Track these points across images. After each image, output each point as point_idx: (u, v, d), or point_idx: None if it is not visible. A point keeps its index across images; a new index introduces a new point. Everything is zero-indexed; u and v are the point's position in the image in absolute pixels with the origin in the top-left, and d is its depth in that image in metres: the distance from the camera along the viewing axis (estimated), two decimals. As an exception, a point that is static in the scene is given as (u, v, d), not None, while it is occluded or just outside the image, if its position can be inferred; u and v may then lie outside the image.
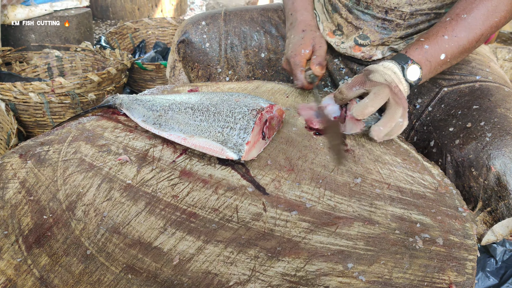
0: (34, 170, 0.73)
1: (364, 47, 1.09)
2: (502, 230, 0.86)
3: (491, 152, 0.80)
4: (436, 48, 0.86)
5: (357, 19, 1.08)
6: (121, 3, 3.59)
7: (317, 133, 0.89)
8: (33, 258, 0.56)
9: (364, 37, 1.08)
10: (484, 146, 0.82)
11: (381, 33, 1.06)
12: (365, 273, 0.57)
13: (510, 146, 0.79)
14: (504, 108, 0.87)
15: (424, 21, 1.03)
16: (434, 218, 0.68)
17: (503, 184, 0.78)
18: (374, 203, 0.70)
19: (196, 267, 0.56)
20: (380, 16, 1.04)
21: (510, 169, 0.78)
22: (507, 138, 0.80)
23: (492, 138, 0.82)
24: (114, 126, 0.87)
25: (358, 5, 1.06)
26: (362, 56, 1.10)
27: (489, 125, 0.84)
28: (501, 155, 0.79)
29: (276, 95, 1.05)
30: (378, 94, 0.78)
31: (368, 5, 1.04)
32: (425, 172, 0.79)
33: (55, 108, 1.80)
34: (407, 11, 1.01)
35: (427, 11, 1.01)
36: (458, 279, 0.57)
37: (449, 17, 0.88)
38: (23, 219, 0.63)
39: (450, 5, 1.00)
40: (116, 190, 0.69)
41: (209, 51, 1.22)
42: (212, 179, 0.73)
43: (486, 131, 0.83)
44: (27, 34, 2.44)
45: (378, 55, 1.08)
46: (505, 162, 0.78)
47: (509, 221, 0.85)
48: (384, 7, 1.02)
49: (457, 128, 0.89)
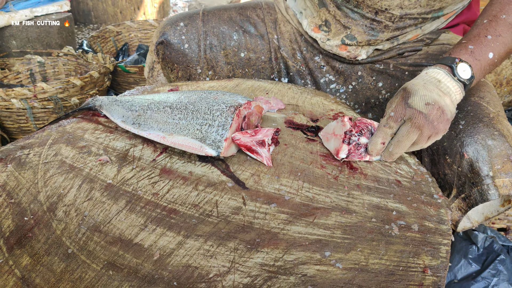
0: (14, 174, 0.73)
1: (350, 47, 1.10)
2: (477, 217, 0.88)
3: (464, 139, 0.82)
4: (481, 47, 0.83)
5: (346, 16, 1.08)
6: (103, 7, 3.58)
7: (296, 127, 0.90)
8: (14, 259, 0.57)
9: (351, 38, 1.09)
10: (457, 133, 0.84)
11: (368, 34, 1.07)
12: (342, 260, 0.58)
13: (482, 133, 0.81)
14: (478, 97, 0.90)
15: (411, 25, 1.04)
16: (410, 205, 0.69)
17: (475, 171, 0.80)
18: (351, 193, 0.71)
19: (177, 261, 0.57)
20: (369, 16, 1.04)
21: (482, 156, 0.80)
22: (479, 125, 0.82)
23: (465, 125, 0.84)
24: (95, 127, 0.87)
25: (348, 2, 1.06)
26: (347, 55, 1.11)
27: (462, 113, 0.86)
28: (474, 142, 0.81)
29: (256, 92, 1.06)
30: (408, 135, 0.75)
31: (359, 4, 1.04)
32: (401, 162, 0.81)
33: (38, 114, 1.79)
34: (397, 14, 1.02)
35: (416, 16, 1.02)
36: (432, 262, 0.59)
37: (486, 19, 0.86)
38: (4, 222, 0.63)
39: (437, 11, 1.02)
40: (96, 190, 0.70)
41: (188, 52, 1.22)
42: (192, 176, 0.74)
43: (459, 119, 0.85)
44: (8, 40, 2.42)
45: (362, 55, 1.10)
46: (477, 149, 0.80)
47: (483, 207, 0.87)
48: (375, 7, 1.03)
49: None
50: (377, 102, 1.13)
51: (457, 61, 0.80)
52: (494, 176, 0.79)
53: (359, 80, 1.15)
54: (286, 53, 1.23)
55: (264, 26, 1.24)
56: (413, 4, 1.00)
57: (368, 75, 1.14)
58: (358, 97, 1.16)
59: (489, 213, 0.88)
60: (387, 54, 1.09)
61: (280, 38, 1.24)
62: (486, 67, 0.84)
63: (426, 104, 0.74)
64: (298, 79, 1.24)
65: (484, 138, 0.81)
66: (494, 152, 0.80)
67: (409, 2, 0.99)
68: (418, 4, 1.00)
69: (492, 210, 0.87)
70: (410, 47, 1.07)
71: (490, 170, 0.79)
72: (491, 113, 0.85)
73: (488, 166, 0.79)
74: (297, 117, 0.95)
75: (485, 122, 0.82)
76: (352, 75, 1.16)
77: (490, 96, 0.91)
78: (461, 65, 0.80)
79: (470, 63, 0.81)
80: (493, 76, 2.12)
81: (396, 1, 1.00)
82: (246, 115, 0.82)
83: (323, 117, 0.96)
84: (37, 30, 2.47)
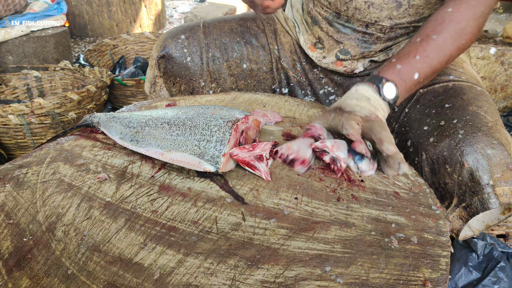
0: (13, 193, 0.73)
1: (346, 61, 1.11)
2: (478, 225, 0.89)
3: (463, 148, 0.83)
4: (409, 67, 0.84)
5: (338, 32, 1.10)
6: (99, 20, 3.59)
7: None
8: (13, 282, 0.57)
9: (345, 52, 1.11)
10: (457, 143, 0.84)
11: (361, 47, 1.09)
12: (342, 275, 0.58)
13: (482, 142, 0.82)
14: (476, 106, 0.90)
15: (403, 34, 1.06)
16: (409, 217, 0.70)
17: (476, 180, 0.81)
18: (350, 206, 0.71)
19: (177, 280, 0.57)
20: (360, 30, 1.07)
21: (482, 165, 0.81)
22: (478, 134, 0.83)
23: (465, 135, 0.84)
24: (93, 144, 0.88)
25: (338, 18, 1.08)
26: (344, 70, 1.13)
27: (461, 122, 0.87)
28: (473, 151, 0.82)
29: (253, 105, 1.07)
30: (382, 126, 0.77)
31: (349, 18, 1.06)
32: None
33: (35, 129, 1.79)
34: (387, 25, 1.04)
35: (406, 25, 1.04)
36: (432, 275, 0.59)
37: (419, 38, 0.87)
38: (3, 243, 0.63)
39: (428, 18, 1.03)
40: (95, 208, 0.70)
41: (191, 65, 1.22)
42: (191, 192, 0.74)
43: (458, 129, 0.86)
44: (4, 56, 2.43)
45: (359, 68, 1.11)
46: (477, 158, 0.81)
47: (484, 215, 0.87)
48: (365, 21, 1.05)
49: (431, 127, 0.91)
50: None
51: (384, 81, 0.82)
52: (494, 184, 0.79)
53: None
54: (287, 63, 1.24)
55: (265, 37, 1.25)
56: (402, 14, 1.01)
57: None
58: None
59: (489, 221, 0.88)
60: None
61: (281, 49, 1.24)
62: (412, 87, 0.86)
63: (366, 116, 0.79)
64: (299, 89, 1.25)
65: (483, 147, 0.81)
66: (493, 161, 0.80)
67: (398, 12, 1.01)
68: (407, 13, 1.01)
69: (492, 218, 0.87)
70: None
71: (490, 179, 0.80)
72: (489, 122, 0.85)
73: (488, 175, 0.80)
74: (294, 130, 0.95)
75: (484, 131, 0.83)
76: (350, 87, 1.16)
77: (487, 105, 0.92)
78: (387, 85, 0.82)
79: (396, 83, 0.83)
80: (487, 82, 2.14)
81: (384, 13, 1.01)
82: (244, 130, 0.82)
83: (320, 129, 0.96)
84: (33, 45, 2.48)
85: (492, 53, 2.08)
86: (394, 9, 1.01)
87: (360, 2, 1.02)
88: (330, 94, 1.21)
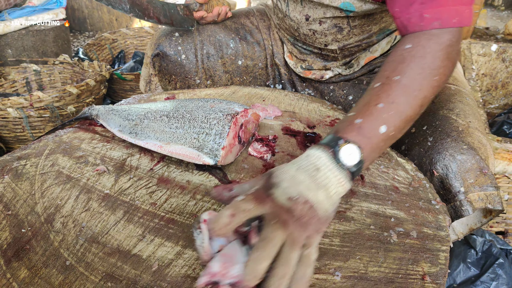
0: (11, 185, 0.73)
1: (313, 70, 1.18)
2: (462, 229, 0.88)
3: (432, 156, 0.81)
4: (372, 120, 0.62)
5: (301, 53, 1.18)
6: (99, 15, 3.58)
7: (293, 135, 0.90)
8: (12, 272, 0.57)
9: (308, 67, 1.18)
10: (426, 150, 0.82)
11: (322, 62, 1.16)
12: (341, 268, 0.58)
13: (451, 148, 0.80)
14: (447, 109, 0.88)
15: (359, 50, 1.09)
16: (408, 212, 0.69)
17: (447, 187, 0.79)
18: (349, 200, 0.71)
19: (175, 271, 0.57)
20: (317, 51, 1.14)
21: (452, 172, 0.79)
22: (447, 140, 0.81)
23: (433, 142, 0.82)
24: (91, 137, 0.87)
25: (297, 41, 1.16)
26: (314, 77, 1.18)
27: (430, 129, 0.85)
28: (442, 158, 0.80)
29: (252, 99, 1.07)
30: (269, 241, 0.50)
31: (304, 42, 1.14)
32: (399, 168, 0.81)
33: (34, 123, 1.79)
34: (336, 48, 1.08)
35: (357, 43, 1.07)
36: (431, 269, 0.59)
37: (378, 82, 0.67)
38: (1, 234, 0.63)
39: (380, 32, 1.04)
40: (94, 200, 0.70)
41: (186, 63, 1.21)
42: (190, 185, 0.74)
43: (428, 135, 0.84)
44: (3, 49, 2.42)
45: (328, 74, 1.16)
46: (446, 165, 0.79)
47: (467, 219, 0.86)
48: (315, 45, 1.11)
49: (403, 134, 0.86)
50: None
51: (341, 143, 0.58)
52: (466, 191, 0.77)
53: (330, 94, 1.20)
54: (279, 60, 1.25)
55: (259, 33, 1.25)
56: (347, 35, 1.05)
57: (339, 89, 1.18)
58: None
59: (473, 225, 0.87)
60: (358, 72, 1.13)
61: (274, 45, 1.25)
62: (380, 143, 0.63)
63: (288, 199, 0.52)
64: (289, 87, 1.26)
65: (452, 153, 0.79)
66: (464, 167, 0.78)
67: (342, 35, 1.05)
68: (352, 33, 1.04)
69: (475, 221, 0.87)
70: (380, 62, 1.08)
71: (461, 186, 0.78)
72: (460, 126, 0.83)
73: (459, 182, 0.78)
74: (294, 124, 0.95)
75: (453, 137, 0.81)
76: (325, 90, 1.21)
77: (461, 106, 0.89)
78: (346, 148, 0.58)
79: (359, 143, 0.59)
80: (488, 80, 2.14)
81: (329, 37, 1.06)
82: (243, 123, 0.82)
83: (320, 123, 0.96)
84: (32, 39, 2.47)
85: (493, 50, 2.07)
86: (337, 33, 1.04)
87: (305, 30, 1.08)
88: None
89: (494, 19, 4.53)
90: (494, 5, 5.18)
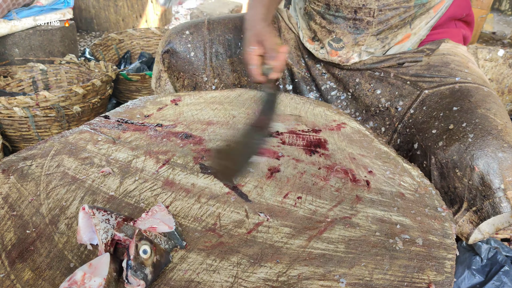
0: (17, 185, 0.73)
1: (340, 51, 1.11)
2: (489, 228, 0.88)
3: (474, 152, 0.82)
4: None
5: (330, 23, 1.12)
6: (106, 15, 3.59)
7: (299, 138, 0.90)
8: (16, 273, 0.57)
9: (337, 40, 1.11)
10: (467, 147, 0.83)
11: (353, 34, 1.09)
12: (346, 275, 0.58)
13: (492, 146, 0.81)
14: (485, 109, 0.89)
15: (394, 16, 1.05)
16: (414, 218, 0.69)
17: (487, 184, 0.80)
18: (355, 206, 0.71)
19: (179, 276, 0.57)
20: (350, 17, 1.08)
21: (493, 169, 0.80)
22: (488, 138, 0.82)
23: (474, 138, 0.83)
24: (97, 138, 0.87)
25: (329, 9, 1.10)
26: (339, 60, 1.12)
27: (470, 126, 0.86)
28: (484, 155, 0.81)
29: (258, 102, 1.06)
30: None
31: (338, 7, 1.08)
32: (405, 174, 0.80)
33: (40, 122, 1.79)
34: (375, 7, 1.04)
35: (395, 5, 1.03)
36: (437, 278, 0.58)
37: None
38: (6, 234, 0.63)
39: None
40: (99, 202, 0.69)
41: (194, 60, 1.23)
42: (195, 188, 0.74)
43: (468, 132, 0.85)
44: (10, 48, 2.43)
45: (355, 58, 1.11)
46: (488, 162, 0.80)
47: (495, 219, 0.86)
48: (353, 6, 1.06)
49: (440, 130, 0.90)
50: (377, 110, 1.13)
51: None
52: (505, 188, 0.79)
53: (356, 87, 1.16)
54: (291, 59, 1.24)
55: None
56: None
57: (366, 82, 1.14)
58: (358, 104, 1.16)
59: (500, 225, 0.87)
60: (386, 62, 1.10)
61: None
62: None
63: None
64: (303, 85, 1.24)
65: (494, 150, 0.80)
66: (505, 165, 0.79)
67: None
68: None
69: (503, 221, 0.86)
70: (411, 57, 1.07)
71: (501, 183, 0.79)
72: (499, 125, 0.85)
73: (499, 179, 0.79)
74: (299, 128, 0.94)
75: (494, 135, 0.82)
76: (350, 82, 1.16)
77: (496, 107, 0.91)
78: None
79: None
80: (495, 85, 2.13)
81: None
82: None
83: (326, 127, 0.96)
84: (39, 38, 2.48)
85: (500, 55, 2.06)
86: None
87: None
88: (332, 89, 1.20)
89: (501, 24, 4.51)
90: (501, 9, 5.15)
